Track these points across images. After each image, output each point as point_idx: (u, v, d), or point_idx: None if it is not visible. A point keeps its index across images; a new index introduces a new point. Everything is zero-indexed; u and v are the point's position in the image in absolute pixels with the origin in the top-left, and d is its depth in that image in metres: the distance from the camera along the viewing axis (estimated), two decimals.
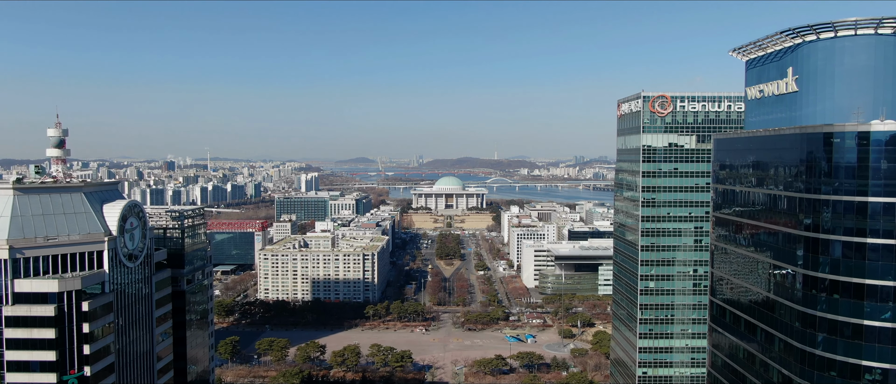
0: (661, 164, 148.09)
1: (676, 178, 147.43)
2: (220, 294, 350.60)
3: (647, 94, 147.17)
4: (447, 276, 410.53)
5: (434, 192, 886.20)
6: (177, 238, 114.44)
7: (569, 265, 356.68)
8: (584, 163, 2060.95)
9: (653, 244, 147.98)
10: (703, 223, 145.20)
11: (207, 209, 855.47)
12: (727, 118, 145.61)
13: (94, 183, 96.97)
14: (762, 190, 76.60)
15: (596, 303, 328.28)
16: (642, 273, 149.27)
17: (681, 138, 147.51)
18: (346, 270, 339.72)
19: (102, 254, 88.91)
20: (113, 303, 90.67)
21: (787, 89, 75.70)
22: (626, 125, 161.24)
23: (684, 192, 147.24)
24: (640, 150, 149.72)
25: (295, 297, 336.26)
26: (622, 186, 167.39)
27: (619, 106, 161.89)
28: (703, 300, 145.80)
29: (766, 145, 76.97)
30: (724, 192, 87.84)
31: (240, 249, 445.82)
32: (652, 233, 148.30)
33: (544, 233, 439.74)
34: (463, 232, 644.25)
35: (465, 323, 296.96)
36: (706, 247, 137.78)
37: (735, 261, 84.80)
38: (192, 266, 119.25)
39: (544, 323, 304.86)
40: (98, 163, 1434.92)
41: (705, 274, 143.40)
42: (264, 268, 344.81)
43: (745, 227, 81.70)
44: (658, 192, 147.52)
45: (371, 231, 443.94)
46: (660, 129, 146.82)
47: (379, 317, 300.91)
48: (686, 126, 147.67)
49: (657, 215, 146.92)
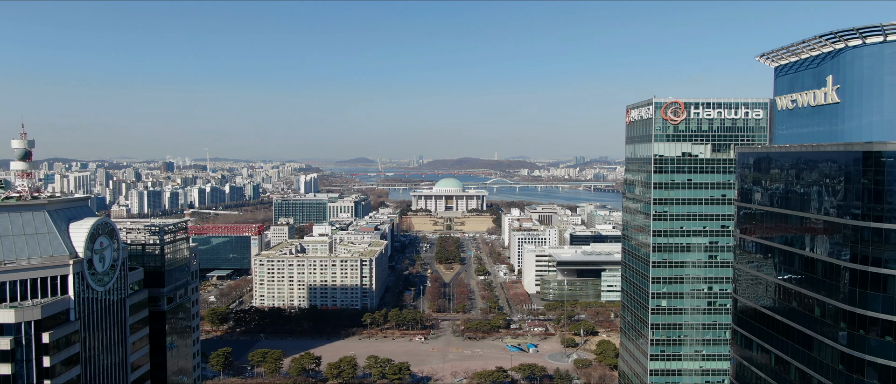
0: (673, 174, 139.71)
1: (690, 189, 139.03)
2: (216, 300, 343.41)
3: (660, 100, 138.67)
4: (447, 281, 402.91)
5: (434, 193, 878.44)
6: (156, 254, 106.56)
7: (571, 270, 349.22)
8: (584, 163, 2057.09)
9: (665, 260, 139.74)
10: (719, 237, 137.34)
11: (205, 211, 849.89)
12: (745, 126, 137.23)
13: (60, 199, 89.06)
14: (796, 212, 68.65)
15: (599, 310, 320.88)
16: (653, 291, 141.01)
17: (695, 147, 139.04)
18: (343, 277, 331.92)
19: (67, 278, 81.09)
20: (79, 333, 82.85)
21: (825, 100, 67.84)
22: (635, 133, 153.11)
23: (699, 205, 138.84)
24: (652, 159, 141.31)
25: (291, 304, 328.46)
26: (631, 197, 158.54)
27: (628, 112, 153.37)
28: (718, 320, 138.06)
29: (801, 162, 69.06)
30: (750, 212, 79.89)
31: (236, 253, 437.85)
32: (664, 249, 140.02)
33: (545, 237, 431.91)
34: (463, 235, 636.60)
35: (465, 331, 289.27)
36: (721, 263, 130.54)
37: (764, 290, 76.86)
38: (174, 284, 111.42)
39: (546, 331, 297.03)
40: (97, 163, 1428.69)
41: (721, 292, 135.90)
42: (260, 275, 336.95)
43: (775, 253, 73.73)
44: (671, 205, 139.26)
45: (369, 235, 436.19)
46: (672, 137, 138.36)
47: (377, 325, 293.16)
48: (700, 134, 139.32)
49: (670, 229, 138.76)
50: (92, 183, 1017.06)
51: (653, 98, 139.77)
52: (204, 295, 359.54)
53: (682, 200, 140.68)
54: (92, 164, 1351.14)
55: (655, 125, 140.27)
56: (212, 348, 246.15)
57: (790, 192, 71.41)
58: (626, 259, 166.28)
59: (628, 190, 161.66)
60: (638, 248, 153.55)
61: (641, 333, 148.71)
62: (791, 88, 74.65)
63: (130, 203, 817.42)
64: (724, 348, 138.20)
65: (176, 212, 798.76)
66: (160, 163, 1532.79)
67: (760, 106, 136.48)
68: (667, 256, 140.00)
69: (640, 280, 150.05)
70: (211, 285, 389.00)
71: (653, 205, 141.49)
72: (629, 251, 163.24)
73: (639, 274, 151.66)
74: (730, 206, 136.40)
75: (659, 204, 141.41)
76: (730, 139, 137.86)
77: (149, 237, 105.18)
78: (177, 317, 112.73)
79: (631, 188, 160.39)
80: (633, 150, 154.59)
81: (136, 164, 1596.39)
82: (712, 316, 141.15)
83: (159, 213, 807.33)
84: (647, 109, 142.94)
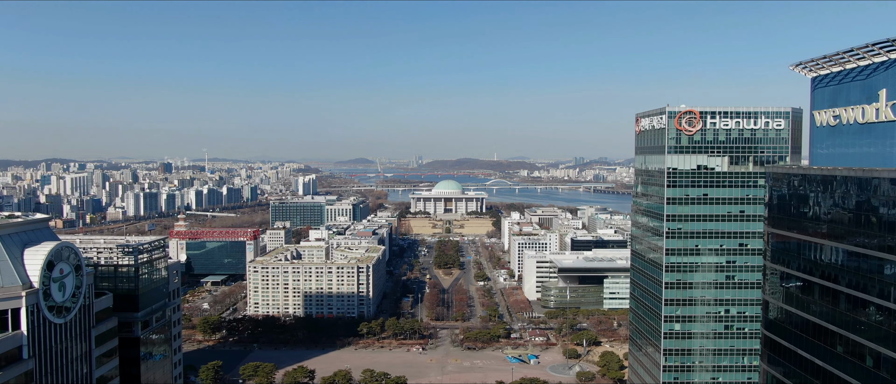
0: (688, 189, 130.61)
1: (706, 205, 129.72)
2: (209, 308, 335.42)
3: (673, 109, 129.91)
4: (446, 287, 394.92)
5: (433, 195, 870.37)
6: (130, 276, 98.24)
7: (572, 277, 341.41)
8: (583, 164, 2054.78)
9: (679, 281, 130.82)
10: (736, 256, 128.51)
11: (202, 213, 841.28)
12: (765, 137, 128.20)
13: (15, 222, 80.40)
14: (847, 245, 60.28)
15: (602, 318, 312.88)
16: (666, 314, 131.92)
17: (711, 160, 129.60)
18: (339, 284, 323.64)
19: (19, 312, 72.79)
20: (33, 372, 74.54)
21: (877, 117, 59.59)
22: (646, 143, 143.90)
23: (715, 222, 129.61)
24: (665, 173, 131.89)
25: (286, 312, 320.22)
26: (642, 211, 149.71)
27: (638, 121, 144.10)
28: (736, 345, 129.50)
29: (850, 189, 60.62)
30: (785, 241, 71.27)
31: (232, 258, 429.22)
32: (678, 269, 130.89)
33: (546, 242, 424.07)
34: (462, 238, 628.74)
35: (464, 341, 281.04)
36: (739, 284, 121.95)
37: (803, 332, 68.37)
38: (150, 308, 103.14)
39: (547, 340, 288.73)
40: (95, 164, 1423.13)
41: (738, 315, 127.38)
42: (254, 282, 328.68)
43: (817, 291, 65.38)
44: (685, 222, 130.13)
45: (367, 239, 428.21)
46: (687, 148, 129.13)
47: (373, 334, 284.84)
48: (717, 146, 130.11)
49: (684, 248, 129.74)
50: (88, 184, 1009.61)
51: (666, 107, 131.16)
52: (197, 302, 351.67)
53: (697, 217, 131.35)
54: (90, 165, 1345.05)
55: (669, 136, 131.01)
56: (203, 359, 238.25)
57: (835, 223, 62.95)
58: (635, 277, 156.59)
59: (638, 203, 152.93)
60: (649, 267, 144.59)
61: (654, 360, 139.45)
62: (833, 102, 66.35)
63: (126, 205, 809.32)
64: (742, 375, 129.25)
65: (172, 214, 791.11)
66: (158, 164, 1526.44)
67: (782, 115, 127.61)
68: (680, 277, 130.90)
69: (652, 301, 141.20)
70: (205, 291, 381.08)
71: (665, 221, 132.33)
72: (640, 269, 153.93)
73: (650, 295, 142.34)
74: (748, 223, 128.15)
75: (672, 220, 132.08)
76: (748, 151, 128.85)
77: (122, 257, 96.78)
78: (153, 344, 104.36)
79: (641, 202, 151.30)
80: (643, 162, 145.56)
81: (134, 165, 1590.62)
82: (729, 340, 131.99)
83: (156, 215, 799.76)
84: (659, 119, 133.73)
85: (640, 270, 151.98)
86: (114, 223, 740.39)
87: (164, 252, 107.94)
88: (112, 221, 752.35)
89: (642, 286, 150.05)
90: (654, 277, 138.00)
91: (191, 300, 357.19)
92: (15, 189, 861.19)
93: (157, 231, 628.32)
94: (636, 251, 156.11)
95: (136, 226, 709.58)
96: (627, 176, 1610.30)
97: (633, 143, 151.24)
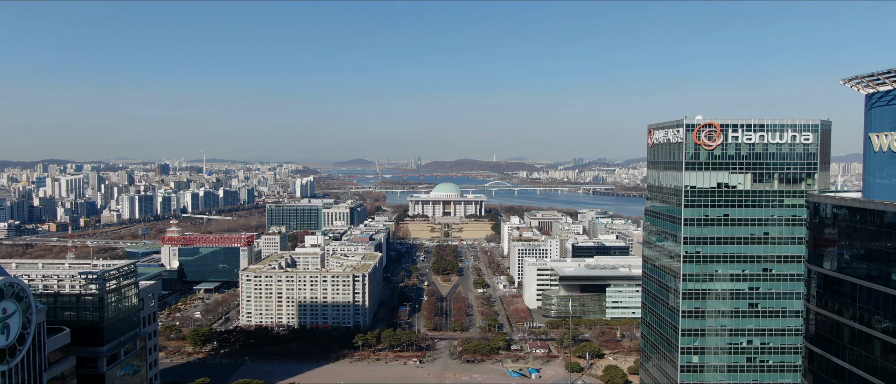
0: (707, 209, 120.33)
1: (727, 226, 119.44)
2: (201, 317, 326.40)
3: (691, 121, 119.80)
4: (444, 295, 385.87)
5: (431, 198, 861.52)
6: (94, 306, 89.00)
7: (574, 285, 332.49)
8: (582, 165, 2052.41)
9: (697, 309, 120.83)
10: (760, 282, 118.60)
11: (198, 216, 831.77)
12: (791, 152, 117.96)
13: None
14: None
15: (604, 329, 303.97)
16: (683, 345, 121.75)
17: (733, 177, 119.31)
18: (335, 293, 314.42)
19: None
20: None
21: None
22: (660, 158, 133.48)
23: (737, 245, 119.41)
24: (682, 191, 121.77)
25: (279, 322, 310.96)
26: (656, 232, 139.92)
27: (651, 133, 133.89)
28: (759, 379, 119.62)
29: None
30: (834, 283, 61.97)
31: (226, 263, 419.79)
32: (696, 296, 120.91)
33: (546, 248, 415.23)
34: (461, 242, 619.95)
35: (463, 353, 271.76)
36: (762, 313, 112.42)
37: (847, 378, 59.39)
38: (118, 340, 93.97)
39: (549, 352, 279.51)
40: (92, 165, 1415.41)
41: (762, 346, 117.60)
42: (247, 290, 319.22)
43: (878, 345, 56.36)
44: (704, 245, 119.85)
45: (364, 245, 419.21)
46: (706, 165, 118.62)
47: (369, 346, 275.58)
48: (739, 162, 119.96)
49: (704, 273, 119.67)
50: (84, 186, 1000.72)
51: (683, 119, 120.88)
52: (190, 310, 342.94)
53: (717, 239, 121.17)
54: (87, 166, 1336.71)
55: (687, 151, 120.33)
56: (192, 374, 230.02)
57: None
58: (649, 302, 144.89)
59: (651, 223, 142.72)
60: (664, 293, 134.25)
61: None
62: (894, 125, 57.17)
63: (121, 208, 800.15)
64: None
65: (168, 217, 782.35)
66: (156, 165, 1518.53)
67: (810, 128, 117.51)
68: (700, 305, 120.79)
69: (667, 330, 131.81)
70: (197, 299, 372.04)
71: (682, 244, 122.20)
72: (653, 295, 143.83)
73: (665, 323, 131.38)
74: (773, 246, 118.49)
75: (690, 243, 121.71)
76: (774, 168, 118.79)
77: (85, 286, 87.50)
78: (121, 379, 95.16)
79: (655, 221, 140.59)
80: (657, 177, 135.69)
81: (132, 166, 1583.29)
82: (751, 373, 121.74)
83: (151, 218, 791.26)
84: (675, 132, 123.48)
85: (654, 296, 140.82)
86: (108, 226, 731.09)
87: (135, 277, 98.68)
88: (106, 225, 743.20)
89: (656, 313, 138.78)
90: (670, 305, 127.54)
91: (183, 309, 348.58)
92: (9, 191, 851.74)
93: (151, 235, 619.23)
94: (649, 275, 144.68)
95: (130, 229, 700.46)
96: (626, 177, 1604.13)
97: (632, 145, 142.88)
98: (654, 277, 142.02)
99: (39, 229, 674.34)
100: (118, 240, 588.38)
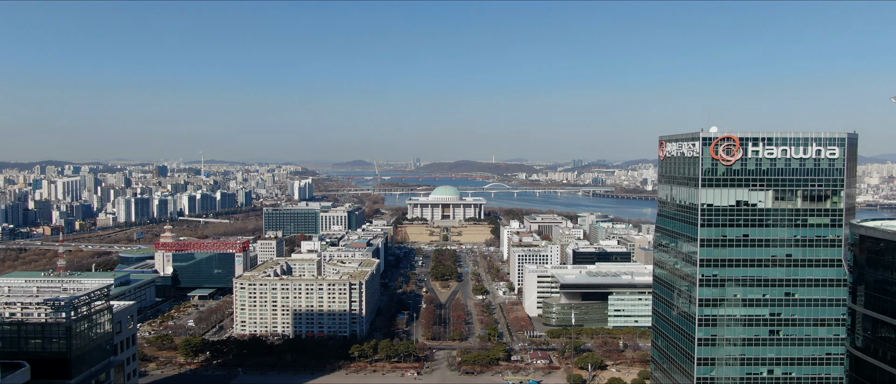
0: (725, 229, 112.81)
1: (747, 247, 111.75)
2: (194, 325, 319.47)
3: (708, 134, 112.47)
4: (443, 302, 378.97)
5: (430, 201, 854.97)
6: (61, 335, 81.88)
7: (575, 293, 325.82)
8: (582, 167, 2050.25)
9: (714, 337, 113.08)
10: (781, 308, 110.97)
11: (194, 219, 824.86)
12: (816, 168, 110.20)
13: None
14: None
15: (606, 338, 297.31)
16: (699, 375, 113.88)
17: (753, 194, 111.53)
18: (331, 301, 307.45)
19: None
20: None
21: None
22: (674, 172, 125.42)
23: (757, 268, 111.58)
24: (699, 209, 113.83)
25: (274, 331, 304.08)
26: (668, 250, 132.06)
27: (663, 144, 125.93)
28: None
29: None
30: (889, 329, 54.59)
31: (221, 268, 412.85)
32: (713, 322, 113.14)
33: (547, 254, 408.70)
34: (460, 246, 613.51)
35: (462, 364, 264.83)
36: (784, 340, 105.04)
37: None
38: (89, 372, 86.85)
39: (550, 363, 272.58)
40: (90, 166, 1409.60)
41: (784, 377, 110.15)
42: (241, 299, 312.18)
43: None
44: (722, 267, 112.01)
45: (361, 251, 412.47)
46: (724, 181, 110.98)
47: (365, 357, 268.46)
48: (759, 178, 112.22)
49: (721, 298, 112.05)
50: (80, 189, 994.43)
51: (700, 131, 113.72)
52: (183, 318, 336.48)
53: (737, 262, 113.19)
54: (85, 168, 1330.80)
55: (703, 166, 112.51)
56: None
57: None
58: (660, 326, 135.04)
59: (664, 242, 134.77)
60: (678, 318, 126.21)
61: None
62: None
63: (117, 211, 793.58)
64: None
65: (164, 220, 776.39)
66: (154, 166, 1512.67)
67: (836, 142, 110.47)
68: (717, 332, 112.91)
69: (683, 359, 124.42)
70: (191, 306, 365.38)
71: (699, 267, 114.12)
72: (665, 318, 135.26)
73: (680, 351, 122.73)
74: (796, 269, 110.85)
75: (707, 266, 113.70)
76: (797, 184, 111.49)
77: (51, 314, 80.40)
78: None
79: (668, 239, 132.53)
80: (669, 193, 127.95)
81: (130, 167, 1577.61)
82: None
83: (147, 222, 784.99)
84: (690, 145, 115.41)
85: (667, 319, 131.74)
86: (103, 230, 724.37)
87: (108, 302, 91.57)
88: (102, 228, 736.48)
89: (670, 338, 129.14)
90: (685, 331, 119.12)
91: (176, 316, 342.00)
92: (5, 194, 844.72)
93: (146, 239, 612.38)
94: (660, 297, 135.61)
95: (125, 233, 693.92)
96: (626, 179, 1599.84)
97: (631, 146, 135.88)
98: (666, 300, 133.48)
99: (34, 233, 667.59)
100: (113, 245, 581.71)
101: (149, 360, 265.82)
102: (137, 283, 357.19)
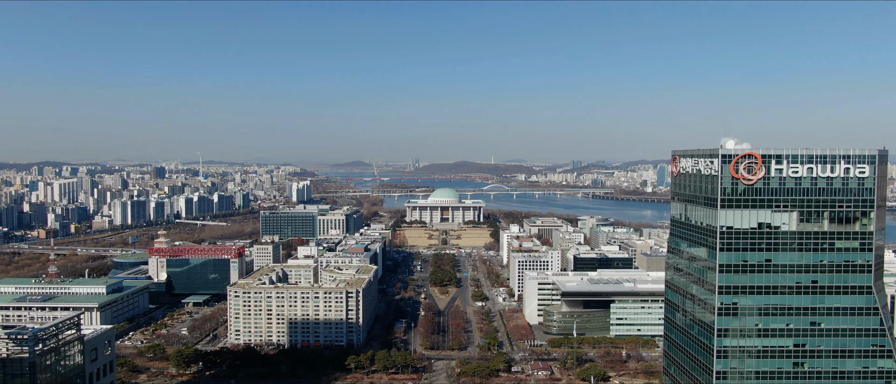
0: (746, 253, 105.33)
1: (769, 273, 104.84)
2: (187, 333, 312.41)
3: (728, 151, 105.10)
4: (441, 309, 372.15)
5: (429, 204, 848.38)
6: (23, 372, 75.03)
7: (577, 301, 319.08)
8: (581, 168, 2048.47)
9: (734, 370, 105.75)
10: (807, 338, 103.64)
11: (192, 221, 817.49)
12: (844, 187, 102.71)
13: None
14: None
15: (609, 348, 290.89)
16: None
17: (776, 216, 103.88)
18: (327, 310, 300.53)
19: None
20: None
21: None
22: (688, 190, 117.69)
23: (780, 295, 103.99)
24: (717, 232, 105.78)
25: (269, 340, 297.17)
26: (682, 272, 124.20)
27: (676, 160, 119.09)
28: None
29: None
30: None
31: (217, 274, 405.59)
32: (733, 354, 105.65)
33: (548, 260, 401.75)
34: (459, 250, 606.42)
35: (461, 376, 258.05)
36: (810, 373, 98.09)
37: None
38: None
39: (551, 375, 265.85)
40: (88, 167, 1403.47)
41: None
42: (235, 307, 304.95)
43: None
44: (743, 295, 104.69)
45: (358, 257, 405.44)
46: (745, 202, 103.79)
47: (362, 368, 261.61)
48: (783, 199, 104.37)
49: (742, 328, 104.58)
50: (77, 190, 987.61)
51: (719, 148, 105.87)
52: (176, 326, 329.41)
53: (759, 289, 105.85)
54: (82, 169, 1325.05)
55: (722, 185, 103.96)
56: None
57: None
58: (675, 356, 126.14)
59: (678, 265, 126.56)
60: (694, 347, 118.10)
61: None
62: None
63: (114, 213, 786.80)
64: None
65: (161, 223, 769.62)
66: (151, 167, 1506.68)
67: (866, 160, 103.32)
68: (738, 364, 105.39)
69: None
70: (185, 314, 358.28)
71: (717, 295, 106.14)
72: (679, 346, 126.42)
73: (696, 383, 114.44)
74: (823, 297, 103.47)
75: (726, 293, 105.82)
76: (823, 205, 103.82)
77: (13, 349, 73.56)
78: None
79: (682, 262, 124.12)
80: (683, 212, 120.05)
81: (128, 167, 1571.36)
82: None
83: (144, 224, 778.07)
84: (707, 162, 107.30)
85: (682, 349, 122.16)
86: (99, 233, 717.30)
87: (79, 332, 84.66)
88: (98, 231, 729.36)
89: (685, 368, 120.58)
90: (703, 363, 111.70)
91: (169, 324, 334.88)
92: (1, 196, 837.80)
93: (141, 243, 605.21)
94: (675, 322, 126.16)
95: (121, 236, 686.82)
96: (625, 180, 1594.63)
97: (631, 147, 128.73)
98: (681, 328, 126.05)
99: (29, 236, 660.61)
100: (107, 249, 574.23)
101: (140, 371, 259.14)
102: (130, 290, 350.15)
